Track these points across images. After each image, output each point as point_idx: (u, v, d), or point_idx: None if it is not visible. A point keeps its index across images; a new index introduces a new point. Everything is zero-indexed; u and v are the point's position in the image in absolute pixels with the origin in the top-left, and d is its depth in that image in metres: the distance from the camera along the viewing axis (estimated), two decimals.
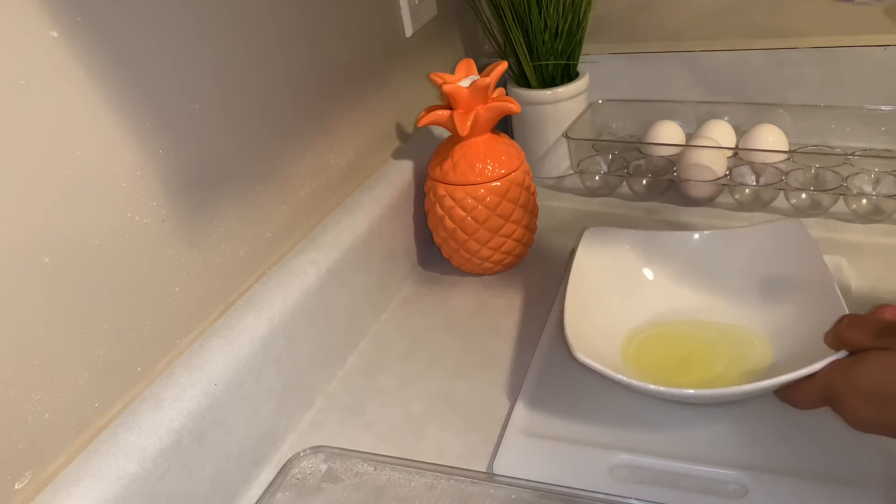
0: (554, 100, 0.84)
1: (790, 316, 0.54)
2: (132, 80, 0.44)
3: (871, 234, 0.69)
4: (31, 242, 0.39)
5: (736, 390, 0.47)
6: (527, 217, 0.70)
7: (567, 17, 0.80)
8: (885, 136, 0.78)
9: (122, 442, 0.42)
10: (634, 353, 0.56)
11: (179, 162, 0.48)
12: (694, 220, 0.76)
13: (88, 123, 0.41)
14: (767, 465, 0.46)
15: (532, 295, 0.69)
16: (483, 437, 0.53)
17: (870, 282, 0.62)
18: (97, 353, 0.43)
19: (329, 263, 0.60)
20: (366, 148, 0.71)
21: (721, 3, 0.87)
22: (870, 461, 0.45)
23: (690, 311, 0.59)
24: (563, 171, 0.88)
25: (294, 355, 0.56)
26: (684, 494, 0.46)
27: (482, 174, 0.67)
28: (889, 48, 0.80)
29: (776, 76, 0.85)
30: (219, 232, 0.52)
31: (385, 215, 0.68)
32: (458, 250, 0.70)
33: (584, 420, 0.52)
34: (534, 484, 0.46)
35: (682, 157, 0.77)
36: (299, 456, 0.51)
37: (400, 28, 0.76)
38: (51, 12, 0.39)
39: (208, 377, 0.48)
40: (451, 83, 0.66)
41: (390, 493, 0.48)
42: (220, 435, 0.48)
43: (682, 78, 0.90)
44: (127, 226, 0.45)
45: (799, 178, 0.74)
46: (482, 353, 0.62)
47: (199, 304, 0.51)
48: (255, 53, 0.55)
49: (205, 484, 0.47)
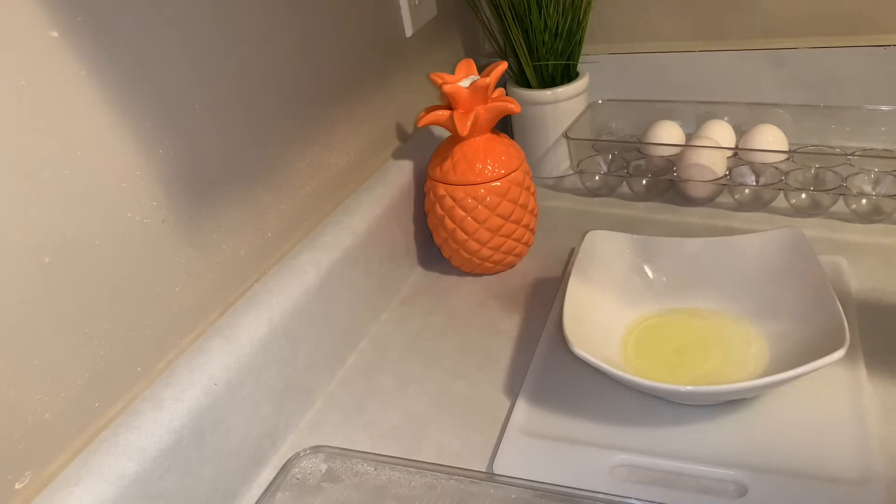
0: (554, 100, 0.84)
1: (787, 319, 0.54)
2: (132, 80, 0.44)
3: (871, 234, 0.68)
4: (31, 242, 0.39)
5: (732, 388, 0.47)
6: (527, 217, 0.70)
7: (567, 17, 0.80)
8: (885, 136, 0.78)
9: (122, 442, 0.42)
10: (633, 347, 0.56)
11: (179, 162, 0.48)
12: (694, 220, 0.76)
13: (88, 123, 0.41)
14: (767, 465, 0.46)
15: (532, 295, 0.69)
16: (483, 437, 0.53)
17: (870, 282, 0.62)
18: (97, 353, 0.43)
19: (329, 263, 0.60)
20: (366, 148, 0.71)
21: (721, 3, 0.87)
22: (870, 461, 0.45)
23: (689, 308, 0.59)
24: (563, 171, 0.88)
25: (294, 355, 0.56)
26: (684, 494, 0.46)
27: (482, 174, 0.67)
28: (889, 48, 0.80)
29: (776, 76, 0.85)
30: (219, 232, 0.52)
31: (385, 215, 0.68)
32: (458, 250, 0.70)
33: (584, 420, 0.52)
34: (534, 484, 0.46)
35: (681, 157, 0.77)
36: (299, 456, 0.51)
37: (400, 28, 0.76)
38: (51, 12, 0.39)
39: (208, 377, 0.48)
40: (451, 83, 0.66)
41: (390, 493, 0.48)
42: (220, 435, 0.48)
43: (682, 78, 0.90)
44: (127, 226, 0.45)
45: (799, 178, 0.74)
46: (482, 353, 0.62)
47: (199, 304, 0.51)
48: (255, 53, 0.55)
49: (205, 484, 0.47)
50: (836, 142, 0.79)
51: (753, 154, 0.77)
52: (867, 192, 0.71)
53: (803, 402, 0.50)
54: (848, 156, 0.74)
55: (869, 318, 0.58)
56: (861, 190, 0.71)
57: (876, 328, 0.57)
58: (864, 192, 0.71)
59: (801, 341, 0.51)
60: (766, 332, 0.55)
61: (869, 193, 0.71)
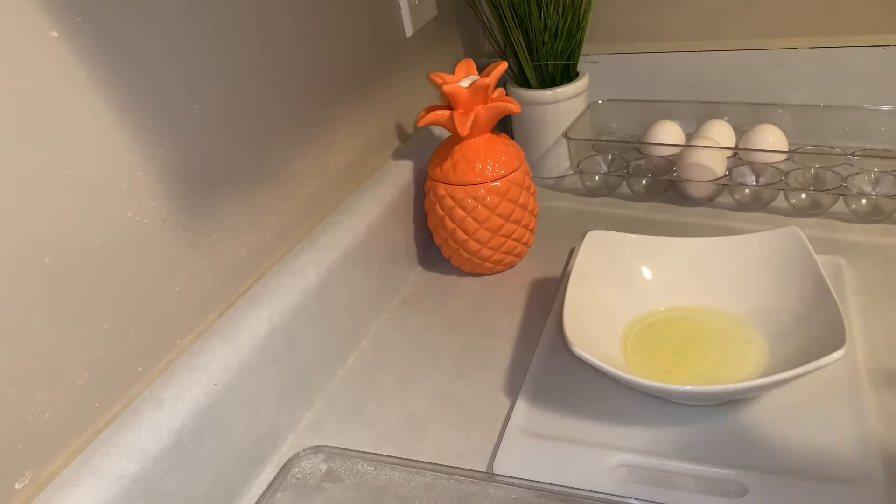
0: (554, 100, 0.84)
1: (787, 319, 0.54)
2: (132, 80, 0.44)
3: (870, 234, 0.69)
4: (31, 242, 0.39)
5: (732, 388, 0.47)
6: (527, 217, 0.70)
7: (567, 17, 0.80)
8: (885, 136, 0.78)
9: (123, 442, 0.42)
10: (632, 347, 0.56)
11: (179, 162, 0.48)
12: (694, 220, 0.76)
13: (88, 123, 0.41)
14: (767, 465, 0.46)
15: (532, 295, 0.69)
16: (483, 437, 0.53)
17: (870, 282, 0.62)
18: (97, 353, 0.43)
19: (329, 263, 0.60)
20: (366, 148, 0.71)
21: (721, 3, 0.87)
22: (870, 461, 0.45)
23: (689, 308, 0.59)
24: (563, 171, 0.88)
25: (294, 355, 0.56)
26: (684, 494, 0.46)
27: (482, 174, 0.67)
28: (889, 48, 0.80)
29: (776, 76, 0.85)
30: (219, 232, 0.52)
31: (385, 215, 0.68)
32: (458, 250, 0.70)
33: (584, 420, 0.52)
34: (534, 484, 0.47)
35: (681, 157, 0.77)
36: (299, 456, 0.51)
37: (400, 28, 0.76)
38: (51, 12, 0.39)
39: (208, 377, 0.48)
40: (451, 83, 0.66)
41: (390, 493, 0.48)
42: (220, 435, 0.48)
43: (682, 78, 0.90)
44: (127, 226, 0.45)
45: (799, 178, 0.74)
46: (482, 353, 0.62)
47: (199, 304, 0.51)
48: (255, 53, 0.55)
49: (205, 484, 0.47)
50: (836, 142, 0.79)
51: (753, 154, 0.77)
52: (867, 192, 0.71)
53: (803, 402, 0.51)
54: (848, 156, 0.74)
55: (869, 318, 0.58)
56: (861, 190, 0.71)
57: (876, 328, 0.57)
58: (864, 192, 0.71)
59: (801, 341, 0.51)
60: (766, 332, 0.55)
61: (869, 193, 0.71)
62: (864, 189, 0.71)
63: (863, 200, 0.71)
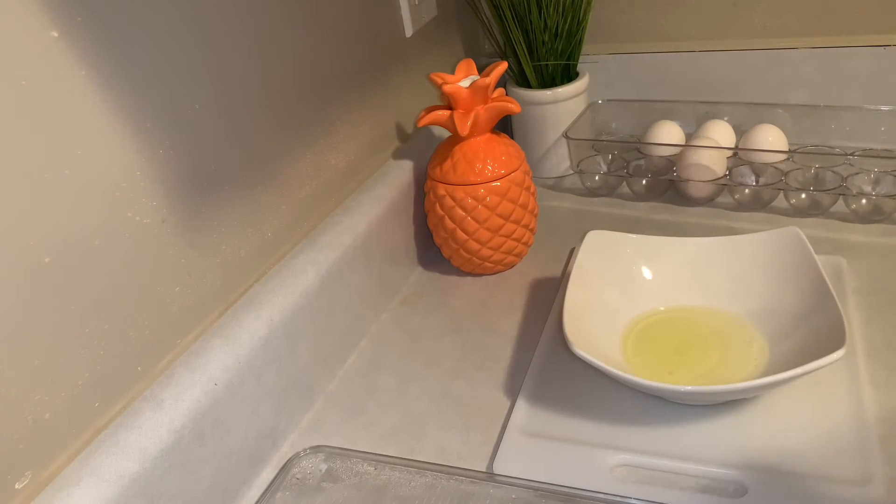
0: (554, 100, 0.84)
1: (787, 319, 0.54)
2: (132, 80, 0.44)
3: (870, 234, 0.68)
4: (31, 242, 0.39)
5: (732, 388, 0.47)
6: (527, 217, 0.70)
7: (567, 17, 0.80)
8: (885, 136, 0.78)
9: (122, 442, 0.42)
10: (632, 347, 0.56)
11: (179, 162, 0.48)
12: (694, 220, 0.76)
13: (88, 123, 0.41)
14: (767, 465, 0.46)
15: (532, 295, 0.69)
16: (483, 437, 0.53)
17: (870, 282, 0.62)
18: (97, 353, 0.43)
19: (329, 263, 0.60)
20: (366, 148, 0.71)
21: (721, 3, 0.87)
22: (870, 461, 0.45)
23: (689, 308, 0.59)
24: (563, 171, 0.88)
25: (294, 355, 0.56)
26: (684, 494, 0.46)
27: (482, 174, 0.67)
28: (889, 48, 0.80)
29: (776, 76, 0.85)
30: (219, 232, 0.52)
31: (385, 215, 0.68)
32: (458, 250, 0.70)
33: (584, 420, 0.52)
34: (534, 484, 0.47)
35: (681, 157, 0.77)
36: (299, 456, 0.51)
37: (400, 28, 0.76)
38: (51, 12, 0.39)
39: (208, 377, 0.48)
40: (451, 83, 0.66)
41: (390, 493, 0.48)
42: (220, 435, 0.48)
43: (682, 78, 0.90)
44: (127, 226, 0.45)
45: (799, 178, 0.74)
46: (482, 353, 0.62)
47: (199, 304, 0.51)
48: (255, 53, 0.55)
49: (205, 484, 0.47)
50: (836, 142, 0.79)
51: (753, 154, 0.77)
52: (867, 192, 0.71)
53: (803, 402, 0.51)
54: (848, 156, 0.74)
55: (869, 318, 0.58)
56: (861, 190, 0.71)
57: (876, 328, 0.57)
58: (864, 192, 0.71)
59: (801, 341, 0.51)
60: (766, 332, 0.55)
61: (869, 193, 0.71)
62: (864, 189, 0.71)
63: (863, 200, 0.71)
